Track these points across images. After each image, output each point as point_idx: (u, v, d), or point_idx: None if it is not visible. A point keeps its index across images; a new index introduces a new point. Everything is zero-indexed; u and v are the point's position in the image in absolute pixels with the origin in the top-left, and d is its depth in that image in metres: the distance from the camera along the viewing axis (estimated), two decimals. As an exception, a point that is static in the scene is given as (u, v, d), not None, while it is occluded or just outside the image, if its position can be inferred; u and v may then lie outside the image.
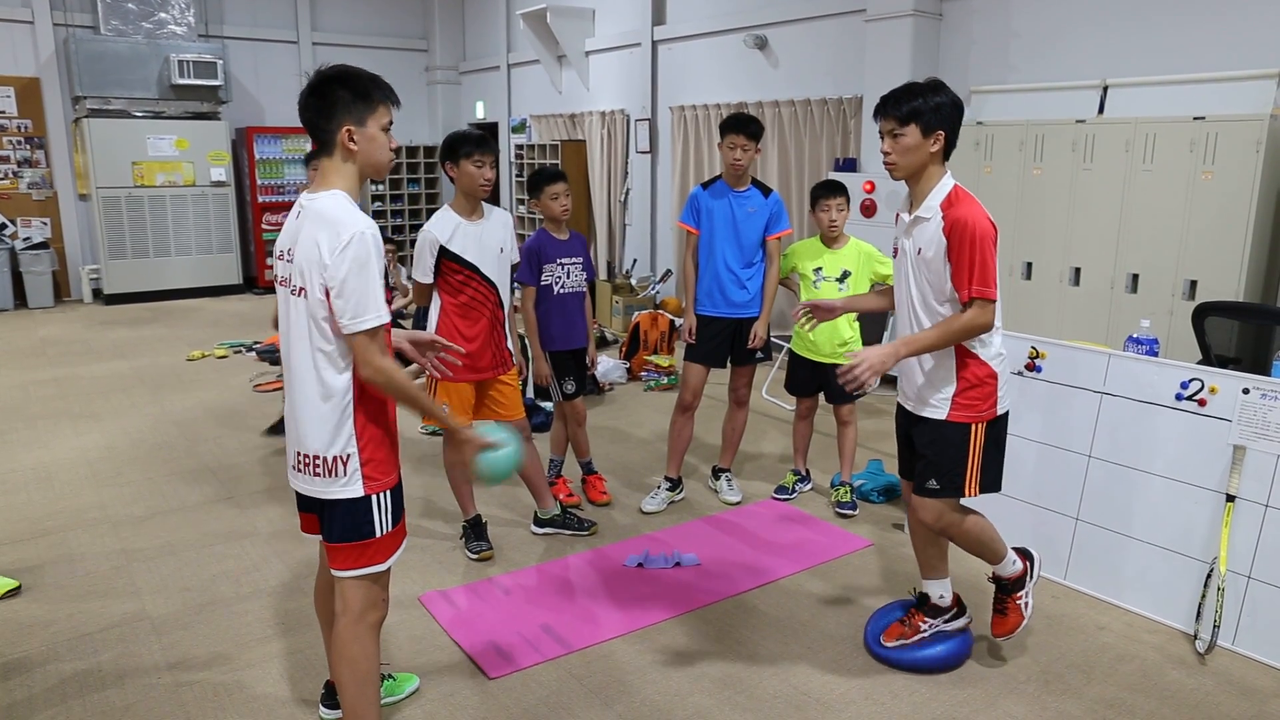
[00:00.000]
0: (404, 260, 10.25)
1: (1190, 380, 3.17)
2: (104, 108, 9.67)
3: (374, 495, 2.24)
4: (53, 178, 10.15)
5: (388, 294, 2.22)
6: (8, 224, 9.91)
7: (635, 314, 7.39)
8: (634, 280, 9.02)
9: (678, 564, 3.74)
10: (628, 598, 3.47)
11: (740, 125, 3.99)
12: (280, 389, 6.40)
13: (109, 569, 3.69)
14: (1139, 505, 3.33)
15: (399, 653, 3.07)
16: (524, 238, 4.31)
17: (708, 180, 4.23)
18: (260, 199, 10.67)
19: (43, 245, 9.99)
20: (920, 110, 2.59)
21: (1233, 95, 4.77)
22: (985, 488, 2.78)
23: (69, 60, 9.66)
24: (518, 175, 11.14)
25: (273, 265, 2.30)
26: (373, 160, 2.21)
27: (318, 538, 2.36)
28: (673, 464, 4.42)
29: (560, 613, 3.35)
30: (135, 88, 9.76)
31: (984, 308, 2.58)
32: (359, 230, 2.08)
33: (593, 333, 4.37)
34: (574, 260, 4.15)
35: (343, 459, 2.20)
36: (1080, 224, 5.16)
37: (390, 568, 2.33)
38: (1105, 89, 5.32)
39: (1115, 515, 3.41)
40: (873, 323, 5.74)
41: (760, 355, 4.28)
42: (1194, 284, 4.68)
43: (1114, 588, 3.43)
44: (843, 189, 4.19)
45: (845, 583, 3.61)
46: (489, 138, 3.64)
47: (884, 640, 3.04)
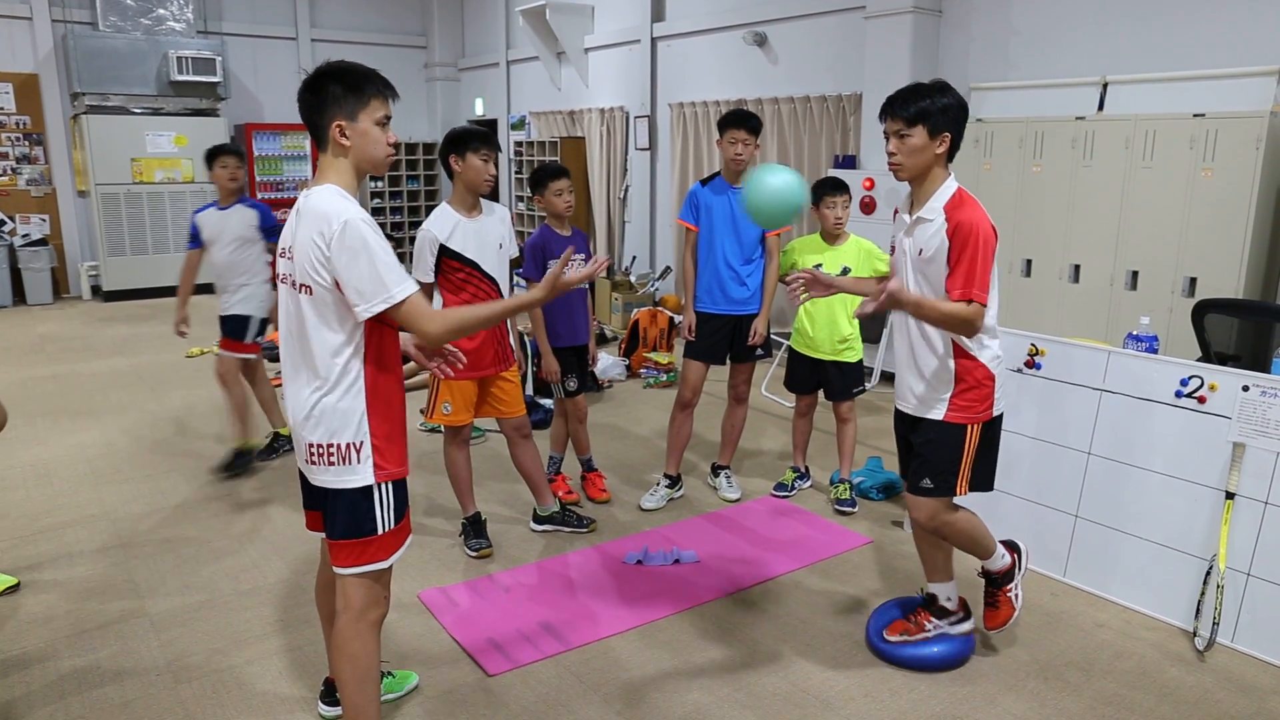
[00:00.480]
0: (403, 257, 10.23)
1: (1190, 377, 3.17)
2: (103, 104, 9.66)
3: (380, 485, 2.24)
4: (51, 174, 10.14)
5: None
6: (6, 220, 9.90)
7: (634, 311, 7.39)
8: (633, 277, 9.01)
9: (677, 561, 3.74)
10: (627, 595, 3.47)
11: (740, 120, 3.99)
12: (278, 386, 6.41)
13: (108, 566, 3.69)
14: (1138, 502, 3.33)
15: (399, 650, 3.06)
16: (524, 235, 4.30)
17: (707, 177, 4.23)
18: (260, 196, 10.64)
19: (41, 242, 9.98)
20: (928, 111, 2.58)
21: (1233, 92, 4.76)
22: (975, 487, 2.80)
23: (68, 56, 9.65)
24: (517, 172, 11.13)
25: (276, 263, 2.29)
26: (367, 155, 2.20)
27: (322, 535, 2.35)
28: (672, 461, 4.42)
29: (560, 610, 3.35)
30: (134, 84, 9.75)
31: (973, 310, 2.56)
32: (347, 217, 2.07)
33: (593, 329, 4.37)
34: (577, 256, 4.15)
35: (356, 446, 2.20)
36: (1080, 221, 5.15)
37: (392, 566, 2.33)
38: (1105, 86, 5.32)
39: (1114, 512, 3.41)
40: (872, 320, 5.73)
41: (760, 352, 4.27)
42: (1194, 281, 4.68)
43: (1113, 585, 3.43)
44: (846, 186, 4.19)
45: (844, 580, 3.61)
46: (493, 134, 3.64)
47: (887, 634, 3.04)
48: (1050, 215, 5.29)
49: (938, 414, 2.73)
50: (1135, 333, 3.44)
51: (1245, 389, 3.03)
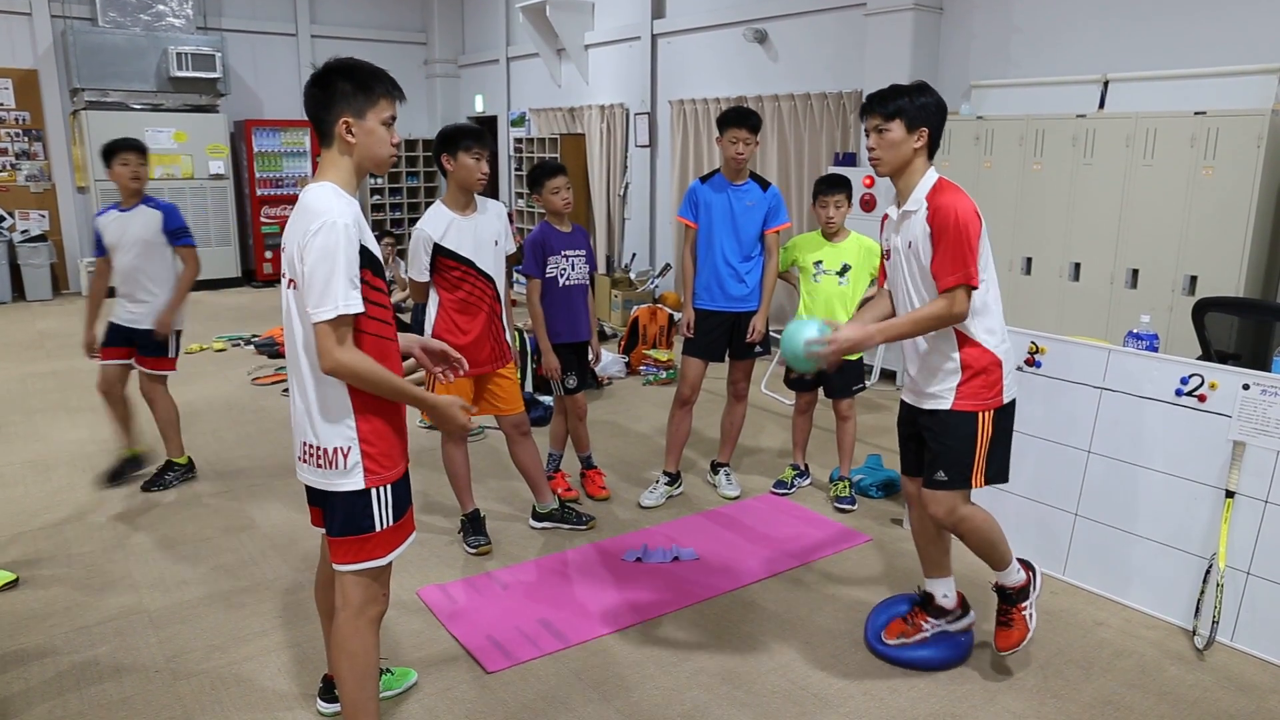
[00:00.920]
0: (403, 254, 10.22)
1: (1190, 376, 3.17)
2: (102, 100, 9.65)
3: (375, 489, 2.22)
4: (51, 170, 10.12)
5: (375, 288, 2.18)
6: (6, 216, 9.89)
7: (634, 308, 7.39)
8: (633, 274, 9.00)
9: (676, 559, 3.74)
10: (626, 592, 3.46)
11: (741, 119, 3.98)
12: (278, 382, 6.41)
13: (106, 562, 3.68)
14: (1138, 501, 3.33)
15: (397, 647, 3.06)
16: (524, 232, 4.30)
17: (706, 174, 4.22)
18: (259, 192, 10.63)
19: (41, 238, 9.97)
20: (904, 108, 2.65)
21: (1234, 90, 4.76)
22: (991, 478, 2.76)
23: (67, 52, 9.64)
24: (517, 169, 11.12)
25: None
26: (371, 154, 2.19)
27: (323, 531, 2.35)
28: (671, 458, 4.41)
29: (558, 607, 3.34)
30: (133, 80, 9.74)
31: (956, 297, 2.57)
32: (329, 219, 2.04)
33: (594, 326, 4.36)
34: (578, 253, 4.14)
35: (343, 451, 2.19)
36: (1080, 219, 5.15)
37: (391, 563, 2.32)
38: (1106, 84, 5.31)
39: (1114, 511, 3.40)
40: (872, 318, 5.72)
41: (759, 349, 4.27)
42: (1194, 279, 4.67)
43: (1113, 583, 3.42)
44: (844, 185, 4.18)
45: (844, 578, 3.61)
46: (485, 131, 3.63)
47: (885, 637, 3.03)
48: (1051, 213, 5.28)
49: (947, 404, 2.72)
50: (1135, 331, 3.44)
51: (1245, 387, 3.02)
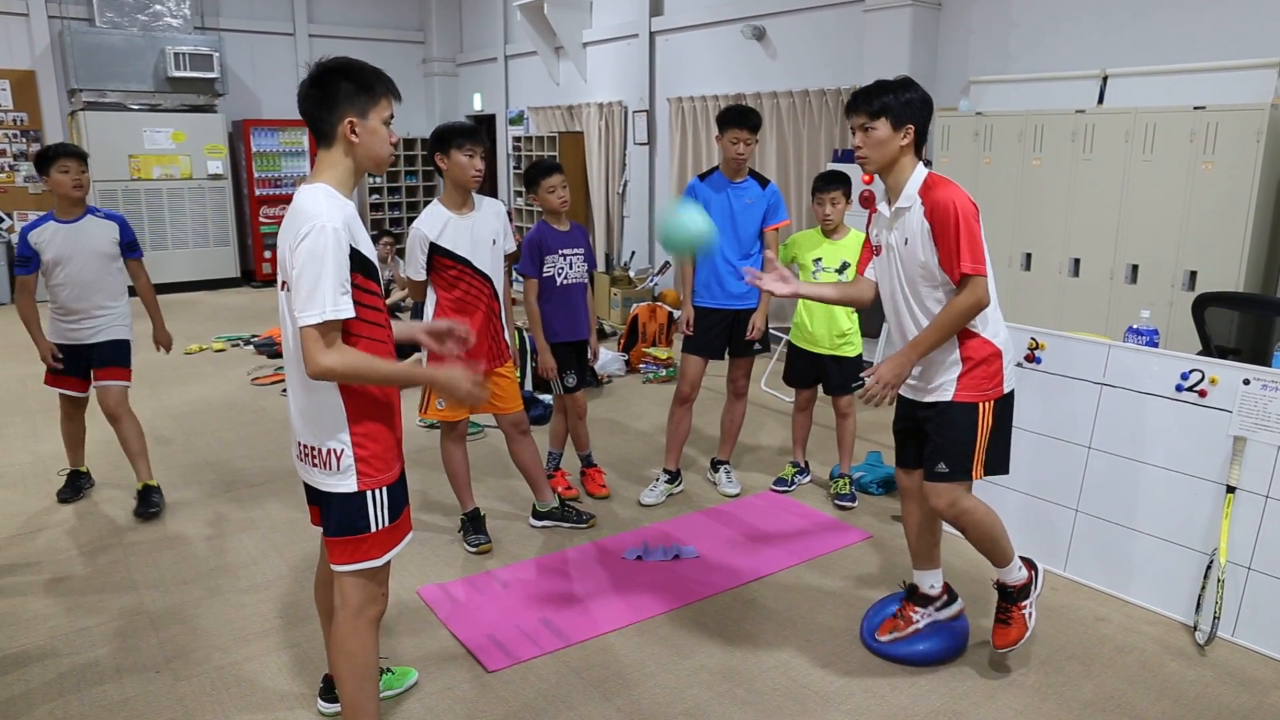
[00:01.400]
0: (403, 254, 10.23)
1: (1190, 371, 3.16)
2: (100, 100, 9.64)
3: (369, 491, 2.22)
4: (49, 171, 10.11)
5: (367, 291, 2.15)
6: (4, 218, 9.88)
7: (633, 306, 7.38)
8: (632, 272, 9.00)
9: (676, 557, 3.73)
10: (626, 591, 3.46)
11: (741, 119, 3.97)
12: (277, 382, 6.40)
13: (107, 563, 3.68)
14: (1139, 497, 3.33)
15: (398, 646, 3.06)
16: (523, 231, 4.29)
17: (705, 172, 4.22)
18: (257, 192, 10.62)
19: (39, 239, 9.96)
20: (890, 105, 2.64)
21: (1233, 85, 4.75)
22: (991, 469, 2.76)
23: (64, 53, 9.63)
24: (515, 167, 11.11)
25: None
26: (373, 153, 2.19)
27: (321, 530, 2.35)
28: (671, 456, 4.41)
29: (559, 606, 3.34)
30: (131, 80, 9.72)
31: (976, 285, 2.58)
32: (319, 223, 2.03)
33: (594, 325, 4.36)
34: (576, 251, 4.14)
35: (335, 453, 2.19)
36: (1080, 214, 5.14)
37: (388, 563, 2.32)
38: (1105, 79, 5.30)
39: (1115, 507, 3.40)
40: (873, 314, 5.72)
41: (758, 347, 4.27)
42: (1194, 274, 4.66)
43: (1113, 579, 3.42)
44: (842, 181, 4.16)
45: (844, 575, 3.61)
46: (479, 129, 3.62)
47: (879, 636, 3.04)
48: (1050, 209, 5.27)
49: (947, 395, 2.71)
50: (1135, 326, 3.43)
51: (1246, 383, 3.02)
